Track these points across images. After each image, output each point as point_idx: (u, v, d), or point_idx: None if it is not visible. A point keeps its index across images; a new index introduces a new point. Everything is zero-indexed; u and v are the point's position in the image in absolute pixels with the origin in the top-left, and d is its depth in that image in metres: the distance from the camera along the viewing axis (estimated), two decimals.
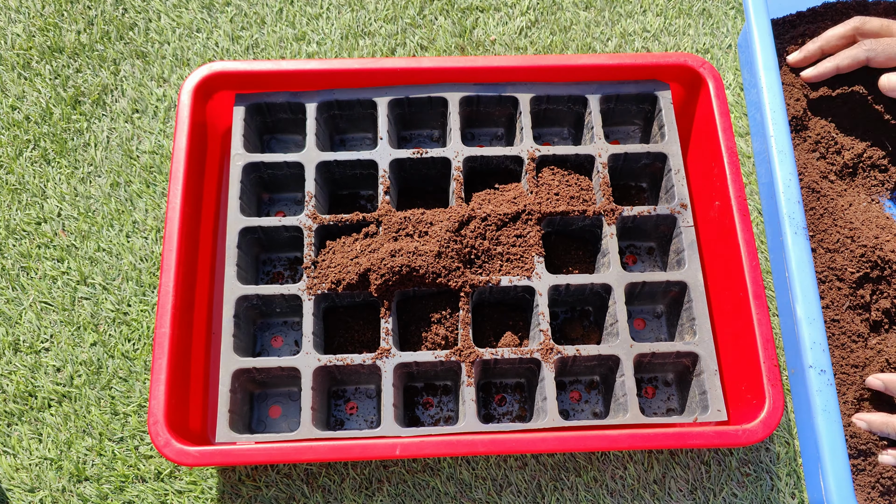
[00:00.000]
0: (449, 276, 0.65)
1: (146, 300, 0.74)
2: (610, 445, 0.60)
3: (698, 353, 0.65)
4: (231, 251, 0.67)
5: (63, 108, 0.81)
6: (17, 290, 0.74)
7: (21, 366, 0.71)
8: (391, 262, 0.64)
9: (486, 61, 0.72)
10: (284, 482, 0.68)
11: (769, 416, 0.61)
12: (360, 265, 0.65)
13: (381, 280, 0.64)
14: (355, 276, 0.64)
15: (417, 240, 0.66)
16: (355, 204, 0.75)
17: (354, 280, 0.64)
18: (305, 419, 0.61)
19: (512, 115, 0.75)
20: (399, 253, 0.64)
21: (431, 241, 0.66)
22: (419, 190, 0.75)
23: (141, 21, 0.85)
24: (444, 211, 0.68)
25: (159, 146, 0.80)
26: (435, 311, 0.66)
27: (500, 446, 0.60)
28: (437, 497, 0.68)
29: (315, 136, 0.71)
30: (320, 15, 0.86)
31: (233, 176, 0.69)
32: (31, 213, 0.77)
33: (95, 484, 0.68)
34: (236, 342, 0.65)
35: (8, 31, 0.84)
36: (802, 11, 0.81)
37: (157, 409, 0.60)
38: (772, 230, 0.76)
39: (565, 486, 0.68)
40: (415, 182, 0.74)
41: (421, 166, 0.71)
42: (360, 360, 0.63)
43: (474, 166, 0.72)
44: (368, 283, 0.65)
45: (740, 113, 0.83)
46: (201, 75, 0.71)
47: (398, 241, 0.66)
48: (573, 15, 0.87)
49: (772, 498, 0.68)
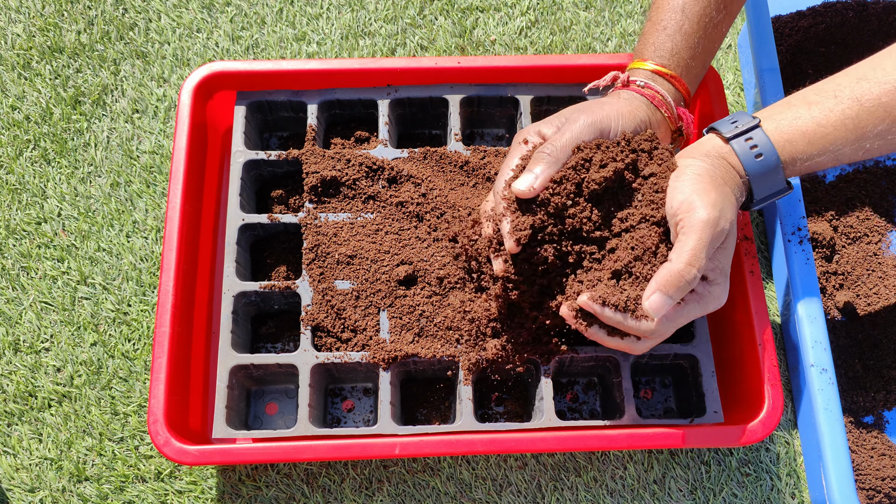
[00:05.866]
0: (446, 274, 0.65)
1: (146, 300, 0.74)
2: (610, 445, 0.60)
3: (696, 355, 0.64)
4: (230, 248, 0.67)
5: (63, 108, 0.81)
6: (17, 290, 0.74)
7: (21, 366, 0.71)
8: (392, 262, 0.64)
9: (487, 61, 0.72)
10: (284, 482, 0.68)
11: (769, 417, 0.61)
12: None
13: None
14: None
15: (417, 238, 0.67)
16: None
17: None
18: (302, 416, 0.61)
19: (513, 115, 0.75)
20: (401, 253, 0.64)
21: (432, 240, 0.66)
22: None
23: (141, 21, 0.85)
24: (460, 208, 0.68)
25: (159, 146, 0.80)
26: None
27: (499, 446, 0.60)
28: (437, 497, 0.68)
29: (315, 135, 0.71)
30: (320, 15, 0.86)
31: (233, 173, 0.69)
32: (32, 213, 0.77)
33: (95, 484, 0.68)
34: (234, 338, 0.65)
35: (8, 31, 0.84)
36: (802, 11, 0.81)
37: (156, 409, 0.60)
38: (772, 229, 0.76)
39: (565, 486, 0.68)
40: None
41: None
42: (358, 358, 0.63)
43: None
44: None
45: None
46: (201, 75, 0.71)
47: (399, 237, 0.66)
48: (573, 15, 0.87)
49: (772, 498, 0.68)
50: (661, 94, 0.59)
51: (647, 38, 0.62)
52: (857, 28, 0.80)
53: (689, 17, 0.61)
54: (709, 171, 0.55)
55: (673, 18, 0.61)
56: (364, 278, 0.66)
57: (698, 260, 0.51)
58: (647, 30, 0.62)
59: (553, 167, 0.55)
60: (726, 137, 0.56)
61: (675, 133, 0.62)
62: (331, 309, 0.65)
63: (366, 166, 0.69)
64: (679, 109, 0.61)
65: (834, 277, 0.74)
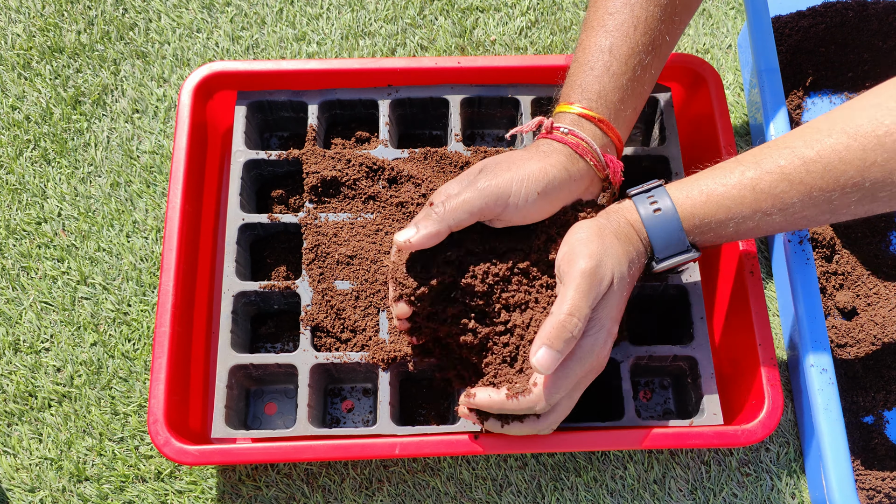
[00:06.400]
0: None
1: (146, 300, 0.74)
2: (610, 445, 0.60)
3: (695, 356, 0.64)
4: (230, 247, 0.67)
5: (63, 108, 0.81)
6: (17, 290, 0.74)
7: (21, 366, 0.71)
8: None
9: (487, 61, 0.72)
10: (284, 482, 0.68)
11: (768, 417, 0.61)
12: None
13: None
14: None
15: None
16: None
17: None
18: (301, 416, 0.61)
19: (513, 116, 0.75)
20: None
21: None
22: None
23: (141, 21, 0.85)
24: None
25: (159, 146, 0.80)
26: None
27: (499, 446, 0.60)
28: (437, 497, 0.68)
29: (315, 135, 0.71)
30: (320, 15, 0.86)
31: (233, 172, 0.69)
32: (32, 213, 0.77)
33: (95, 484, 0.68)
34: (234, 338, 0.65)
35: (8, 31, 0.84)
36: (802, 11, 0.81)
37: (156, 408, 0.60)
38: None
39: (565, 486, 0.68)
40: None
41: None
42: (358, 358, 0.63)
43: None
44: None
45: (740, 113, 0.83)
46: (201, 75, 0.71)
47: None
48: (573, 15, 0.87)
49: (772, 498, 0.68)
50: (585, 141, 0.56)
51: (574, 79, 0.59)
52: (857, 28, 0.80)
53: (616, 57, 0.57)
54: (599, 225, 0.54)
55: (600, 59, 0.58)
56: (364, 279, 0.66)
57: (579, 309, 0.51)
58: (573, 71, 0.59)
59: (436, 226, 0.54)
60: (630, 195, 0.56)
61: (604, 182, 0.59)
62: (330, 309, 0.65)
63: (366, 166, 0.69)
64: (606, 157, 0.57)
65: (834, 277, 0.74)
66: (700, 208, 0.54)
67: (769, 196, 0.52)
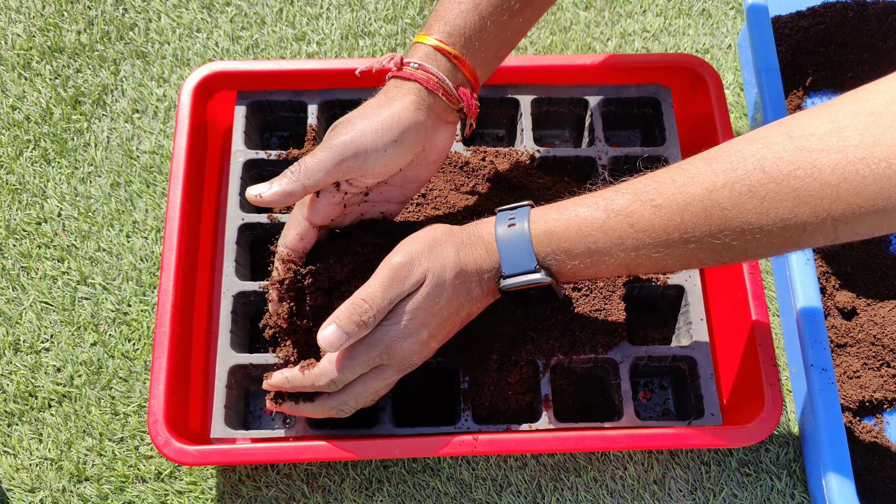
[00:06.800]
0: None
1: (146, 300, 0.74)
2: (610, 445, 0.60)
3: (694, 357, 0.64)
4: (230, 247, 0.67)
5: (63, 108, 0.81)
6: (17, 290, 0.74)
7: (21, 366, 0.71)
8: None
9: None
10: (284, 482, 0.68)
11: (768, 417, 0.61)
12: None
13: None
14: None
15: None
16: None
17: None
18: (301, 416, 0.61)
19: (513, 116, 0.75)
20: None
21: None
22: None
23: (141, 21, 0.85)
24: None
25: (159, 146, 0.80)
26: None
27: (499, 446, 0.60)
28: (437, 497, 0.68)
29: (315, 135, 0.71)
30: (320, 15, 0.86)
31: (233, 172, 0.69)
32: (32, 213, 0.77)
33: (95, 484, 0.68)
34: (233, 338, 0.65)
35: (8, 31, 0.84)
36: (802, 11, 0.81)
37: (156, 409, 0.60)
38: None
39: (565, 486, 0.68)
40: None
41: None
42: None
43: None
44: None
45: (740, 113, 0.83)
46: (201, 75, 0.71)
47: None
48: (573, 15, 0.87)
49: (772, 498, 0.68)
50: (436, 76, 0.55)
51: (440, 10, 0.57)
52: (857, 28, 0.80)
53: None
54: (448, 232, 0.54)
55: None
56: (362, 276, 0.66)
57: (373, 297, 0.51)
58: (442, 2, 0.57)
59: (290, 185, 0.54)
60: (496, 211, 0.55)
61: (459, 114, 0.58)
62: None
63: None
64: (459, 90, 0.56)
65: (834, 277, 0.74)
66: (558, 230, 0.52)
67: (624, 227, 0.50)
